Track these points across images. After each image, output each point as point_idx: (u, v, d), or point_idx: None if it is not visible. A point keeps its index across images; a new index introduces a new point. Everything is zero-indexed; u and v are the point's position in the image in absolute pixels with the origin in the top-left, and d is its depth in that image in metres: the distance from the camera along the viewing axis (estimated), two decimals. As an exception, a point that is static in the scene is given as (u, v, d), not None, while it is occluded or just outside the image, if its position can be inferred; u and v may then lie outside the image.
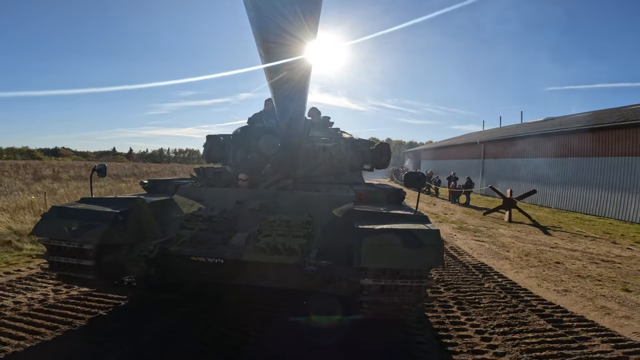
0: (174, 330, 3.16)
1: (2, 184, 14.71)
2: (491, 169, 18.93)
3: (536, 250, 6.93)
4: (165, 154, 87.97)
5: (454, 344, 3.11)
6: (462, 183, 15.45)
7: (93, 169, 3.69)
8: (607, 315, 3.88)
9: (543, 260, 6.20)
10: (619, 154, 11.37)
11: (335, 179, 4.32)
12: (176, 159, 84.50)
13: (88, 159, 72.40)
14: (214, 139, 4.77)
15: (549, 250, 6.97)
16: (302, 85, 2.40)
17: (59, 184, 16.55)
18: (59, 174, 22.10)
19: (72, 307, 3.50)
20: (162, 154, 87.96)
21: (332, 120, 5.34)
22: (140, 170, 29.94)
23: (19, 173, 21.56)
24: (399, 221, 2.69)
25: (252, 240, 2.92)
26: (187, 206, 3.41)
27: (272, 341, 3.03)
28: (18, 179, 17.69)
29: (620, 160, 11.25)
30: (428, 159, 30.53)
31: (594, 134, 12.46)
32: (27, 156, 63.70)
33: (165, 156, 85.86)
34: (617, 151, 11.42)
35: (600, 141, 12.17)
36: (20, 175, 19.97)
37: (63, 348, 2.82)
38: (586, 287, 4.78)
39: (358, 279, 2.49)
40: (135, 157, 79.22)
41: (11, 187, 13.68)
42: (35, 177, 19.94)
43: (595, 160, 12.27)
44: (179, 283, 3.90)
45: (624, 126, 11.29)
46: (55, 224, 2.80)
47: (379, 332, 3.23)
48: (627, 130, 11.20)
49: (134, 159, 74.90)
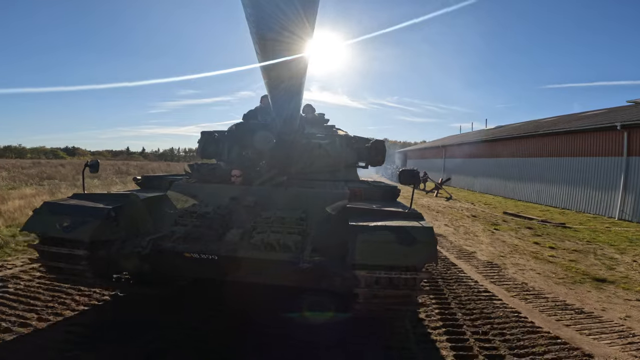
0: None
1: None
2: (448, 166, 25.48)
3: (441, 207, 13.38)
4: (175, 153, 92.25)
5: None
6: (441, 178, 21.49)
7: (85, 165, 3.60)
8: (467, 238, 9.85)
9: (441, 211, 12.41)
10: (515, 156, 17.80)
11: (330, 176, 4.35)
12: (185, 158, 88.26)
13: (107, 158, 77.80)
14: (209, 135, 4.77)
15: (449, 207, 13.34)
16: (299, 83, 2.40)
17: (100, 180, 18.75)
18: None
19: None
20: (172, 153, 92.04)
21: (327, 118, 5.38)
22: (173, 168, 32.98)
23: (66, 168, 25.54)
24: (393, 218, 2.70)
25: (246, 236, 2.91)
26: (181, 202, 3.39)
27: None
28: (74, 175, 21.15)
29: (516, 161, 17.64)
30: (412, 158, 37.09)
31: (505, 142, 18.94)
32: (51, 156, 66.10)
33: (175, 155, 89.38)
34: (517, 154, 17.78)
35: (508, 147, 18.60)
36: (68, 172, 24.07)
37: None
38: (460, 223, 10.55)
39: (352, 275, 2.49)
40: (151, 156, 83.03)
41: (89, 183, 15.93)
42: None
43: (504, 160, 18.73)
44: (172, 279, 3.89)
45: (525, 136, 17.41)
46: (47, 220, 2.76)
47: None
48: (526, 139, 17.40)
49: (150, 158, 78.35)
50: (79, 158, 66.79)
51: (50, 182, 18.26)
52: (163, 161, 66.15)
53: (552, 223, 9.54)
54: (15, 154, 64.26)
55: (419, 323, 3.44)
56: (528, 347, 3.06)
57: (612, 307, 4.04)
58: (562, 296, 4.33)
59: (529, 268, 5.47)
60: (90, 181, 16.11)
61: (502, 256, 6.16)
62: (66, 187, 14.45)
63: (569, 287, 4.67)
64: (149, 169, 32.74)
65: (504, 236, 7.86)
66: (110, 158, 72.94)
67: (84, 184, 3.60)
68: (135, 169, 31.34)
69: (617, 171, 11.26)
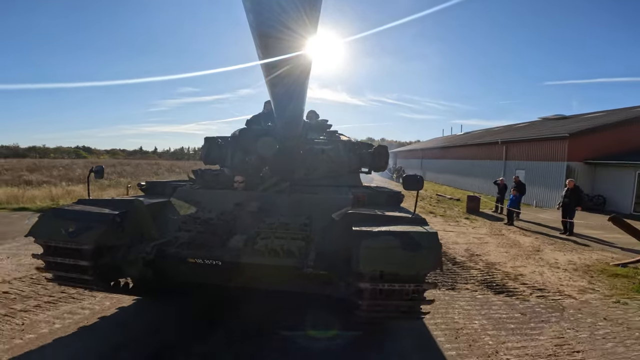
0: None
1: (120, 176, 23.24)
2: (425, 165, 33.46)
3: (405, 192, 20.46)
4: (185, 151, 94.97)
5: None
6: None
7: (90, 170, 3.63)
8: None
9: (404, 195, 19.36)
10: (456, 158, 25.75)
11: (334, 182, 4.34)
12: (195, 157, 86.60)
13: (124, 157, 77.27)
14: (212, 141, 4.80)
15: (411, 193, 20.60)
16: (301, 83, 2.36)
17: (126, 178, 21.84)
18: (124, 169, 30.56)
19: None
20: (182, 151, 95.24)
21: (330, 123, 5.39)
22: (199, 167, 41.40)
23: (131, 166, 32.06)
24: (397, 223, 2.68)
25: (250, 242, 2.91)
26: (184, 208, 3.41)
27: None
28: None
29: (456, 162, 25.62)
30: (400, 158, 45.15)
31: (452, 149, 26.94)
32: (74, 155, 69.30)
33: (185, 154, 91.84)
34: (457, 157, 25.76)
35: (452, 152, 26.66)
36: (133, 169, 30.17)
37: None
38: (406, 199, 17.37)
39: (356, 281, 2.46)
40: (166, 155, 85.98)
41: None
42: (120, 174, 26.57)
43: (452, 161, 26.68)
44: (175, 284, 3.90)
45: (459, 146, 25.54)
46: (53, 226, 2.79)
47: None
48: (461, 147, 25.43)
49: (165, 157, 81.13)
50: (97, 157, 72.02)
51: (133, 176, 23.28)
52: (188, 160, 67.37)
53: (453, 198, 17.28)
54: (39, 153, 68.26)
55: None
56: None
57: (436, 221, 11.27)
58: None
59: (418, 212, 9.88)
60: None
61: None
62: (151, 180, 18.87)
63: (424, 215, 7.78)
64: (187, 168, 33.82)
65: (422, 203, 15.54)
66: (127, 157, 76.90)
67: (89, 190, 3.65)
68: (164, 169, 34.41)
69: (499, 169, 19.05)
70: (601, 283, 5.31)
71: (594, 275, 5.67)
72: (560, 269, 5.98)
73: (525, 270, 5.80)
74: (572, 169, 14.19)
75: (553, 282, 5.28)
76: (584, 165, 14.35)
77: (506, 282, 5.21)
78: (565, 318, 3.99)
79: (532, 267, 6.01)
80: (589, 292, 4.90)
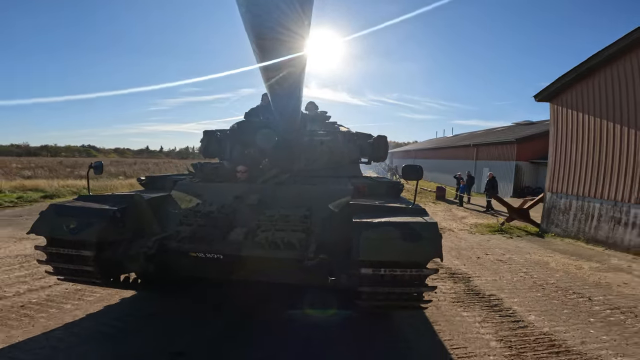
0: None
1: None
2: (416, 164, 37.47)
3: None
4: (190, 151, 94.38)
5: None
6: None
7: (90, 166, 3.59)
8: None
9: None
10: (438, 158, 29.52)
11: (333, 173, 4.30)
12: (200, 155, 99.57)
13: (132, 156, 78.28)
14: (211, 135, 4.74)
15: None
16: (299, 81, 2.40)
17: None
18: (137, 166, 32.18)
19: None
20: (187, 150, 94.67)
21: (329, 115, 5.37)
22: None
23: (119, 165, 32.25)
24: (397, 214, 2.70)
25: (250, 235, 2.92)
26: (185, 202, 3.39)
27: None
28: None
29: (439, 161, 29.35)
30: (397, 158, 49.31)
31: (435, 150, 30.81)
32: (84, 154, 70.50)
33: (190, 153, 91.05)
34: (439, 157, 29.54)
35: (437, 152, 30.52)
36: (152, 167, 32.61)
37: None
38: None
39: (357, 272, 2.46)
40: (173, 154, 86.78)
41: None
42: (146, 171, 28.81)
43: (436, 160, 30.39)
44: (177, 278, 3.89)
45: (441, 147, 29.33)
46: (54, 222, 2.76)
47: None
48: (443, 149, 29.17)
49: (171, 156, 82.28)
50: (105, 156, 73.13)
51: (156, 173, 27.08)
52: (193, 158, 66.03)
53: (427, 190, 20.81)
54: (50, 152, 69.70)
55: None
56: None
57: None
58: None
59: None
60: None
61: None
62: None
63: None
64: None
65: (406, 194, 19.11)
66: (134, 156, 78.09)
67: (89, 186, 3.58)
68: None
69: (472, 168, 22.63)
70: (477, 229, 9.33)
71: (478, 227, 9.65)
72: (466, 225, 10.03)
73: (446, 225, 9.90)
74: (519, 167, 17.78)
75: (453, 227, 9.51)
76: (530, 164, 18.02)
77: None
78: (445, 237, 7.88)
79: (451, 224, 10.10)
80: (467, 232, 8.99)
